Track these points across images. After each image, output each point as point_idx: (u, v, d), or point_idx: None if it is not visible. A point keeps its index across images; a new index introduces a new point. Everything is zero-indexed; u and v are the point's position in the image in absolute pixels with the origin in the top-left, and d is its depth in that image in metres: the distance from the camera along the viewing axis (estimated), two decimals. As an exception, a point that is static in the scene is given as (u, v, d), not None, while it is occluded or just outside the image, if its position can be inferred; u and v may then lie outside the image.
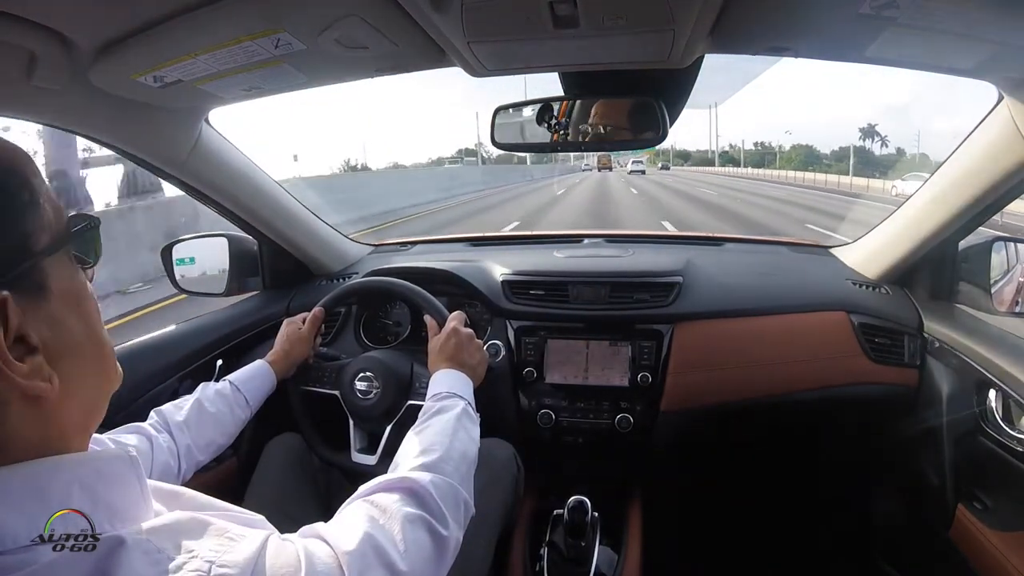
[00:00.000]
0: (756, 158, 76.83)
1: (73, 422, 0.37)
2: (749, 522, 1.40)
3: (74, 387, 0.36)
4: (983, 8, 0.58)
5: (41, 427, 0.35)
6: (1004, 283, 1.04)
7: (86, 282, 0.40)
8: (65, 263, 0.38)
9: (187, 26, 0.63)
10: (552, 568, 0.97)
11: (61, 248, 0.37)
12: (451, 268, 1.21)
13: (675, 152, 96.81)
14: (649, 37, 0.69)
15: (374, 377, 0.96)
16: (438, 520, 0.54)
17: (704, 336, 1.12)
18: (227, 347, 1.16)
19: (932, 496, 1.02)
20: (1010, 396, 0.87)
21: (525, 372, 1.13)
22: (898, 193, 20.47)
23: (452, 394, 0.75)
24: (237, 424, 0.85)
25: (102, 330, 0.41)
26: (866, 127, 68.06)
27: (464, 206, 14.61)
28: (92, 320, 0.39)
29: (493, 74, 0.82)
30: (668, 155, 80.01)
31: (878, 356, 1.09)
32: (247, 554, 0.36)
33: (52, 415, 0.35)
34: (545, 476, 1.23)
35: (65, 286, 0.37)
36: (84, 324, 0.38)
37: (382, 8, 0.62)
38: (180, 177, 1.02)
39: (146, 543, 0.33)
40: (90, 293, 0.40)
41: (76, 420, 0.38)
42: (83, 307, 0.39)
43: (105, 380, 0.41)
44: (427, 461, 0.60)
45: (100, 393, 0.41)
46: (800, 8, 0.63)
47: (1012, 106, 0.79)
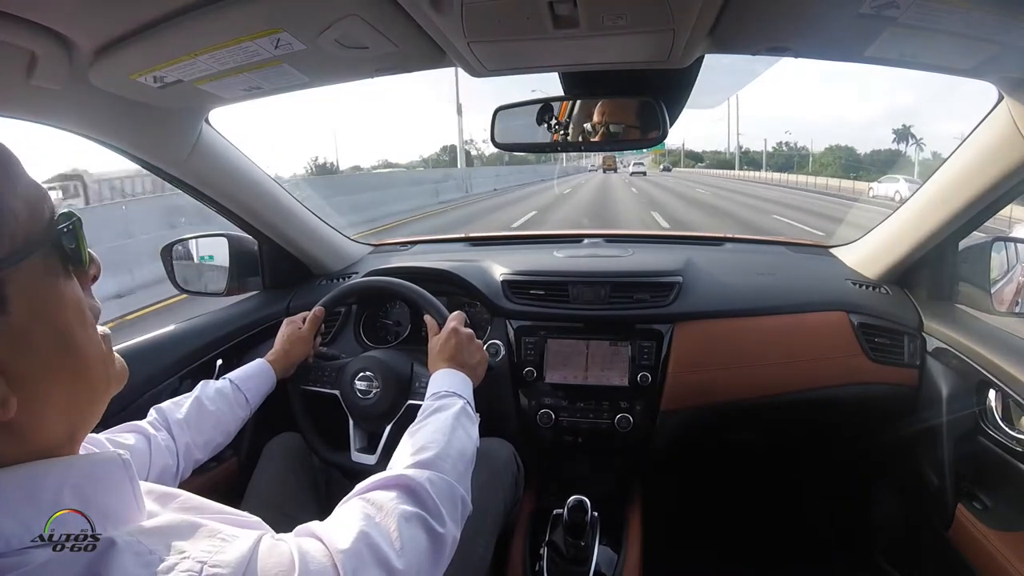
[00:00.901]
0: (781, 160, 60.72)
1: (54, 435, 0.36)
2: (749, 521, 1.40)
3: (46, 405, 0.35)
4: (983, 8, 0.58)
5: (16, 444, 0.34)
6: (1004, 283, 1.04)
7: (66, 289, 0.36)
8: (37, 271, 0.34)
9: (187, 26, 0.63)
10: (552, 567, 0.97)
11: (27, 256, 0.33)
12: (451, 268, 1.21)
13: (685, 153, 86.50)
14: (649, 37, 0.69)
15: (374, 377, 0.96)
16: (434, 517, 0.53)
17: (704, 336, 1.12)
18: (227, 347, 1.16)
19: (932, 496, 1.02)
20: (1010, 396, 0.87)
21: (525, 372, 1.13)
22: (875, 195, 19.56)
23: (451, 393, 0.75)
24: (236, 423, 0.84)
25: (84, 340, 0.37)
26: (900, 128, 57.90)
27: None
28: (68, 331, 0.36)
29: (493, 74, 0.82)
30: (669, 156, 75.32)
31: (878, 356, 1.09)
32: (239, 554, 0.36)
33: (26, 433, 0.34)
34: (545, 476, 1.23)
35: (34, 298, 0.34)
36: (56, 338, 0.35)
37: (382, 8, 0.62)
38: (180, 177, 1.02)
39: (137, 544, 0.33)
40: (70, 300, 0.36)
41: (58, 433, 0.36)
42: (57, 320, 0.35)
43: (91, 389, 0.38)
44: (424, 459, 0.60)
45: (87, 403, 0.39)
46: (800, 8, 0.63)
47: (1012, 106, 0.79)
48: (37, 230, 0.35)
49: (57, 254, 0.36)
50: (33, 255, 0.34)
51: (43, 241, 0.35)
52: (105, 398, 0.41)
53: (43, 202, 0.36)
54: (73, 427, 0.38)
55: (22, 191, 0.35)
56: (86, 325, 0.38)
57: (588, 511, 0.90)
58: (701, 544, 1.33)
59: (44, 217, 0.36)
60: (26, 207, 0.35)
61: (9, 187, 0.34)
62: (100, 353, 0.39)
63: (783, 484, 1.45)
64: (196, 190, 1.07)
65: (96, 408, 0.40)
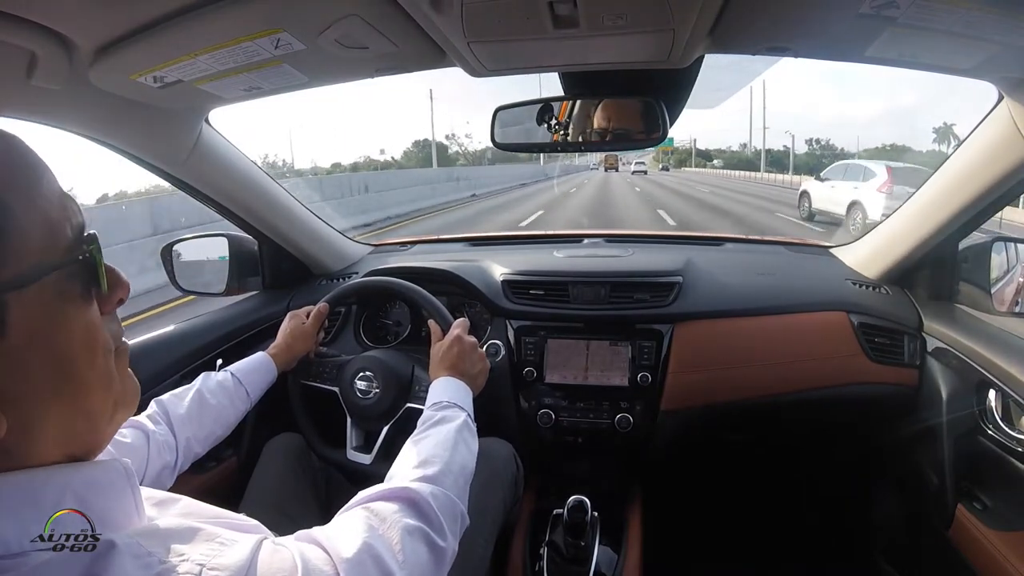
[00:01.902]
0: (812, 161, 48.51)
1: (49, 459, 0.35)
2: (749, 521, 1.40)
3: (39, 429, 0.34)
4: (983, 8, 0.57)
5: (10, 461, 0.33)
6: (1004, 283, 1.04)
7: (77, 315, 0.35)
8: (47, 296, 0.33)
9: (187, 26, 0.63)
10: (552, 567, 0.97)
11: (34, 281, 0.32)
12: (451, 268, 1.21)
13: (697, 151, 76.22)
14: (649, 37, 0.69)
15: (374, 377, 0.96)
16: (437, 532, 0.54)
17: (704, 336, 1.12)
18: (227, 346, 1.16)
19: (932, 496, 1.02)
20: (1009, 396, 0.87)
21: (525, 372, 1.13)
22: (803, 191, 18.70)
23: (452, 404, 0.75)
24: (237, 416, 0.85)
25: (85, 368, 0.35)
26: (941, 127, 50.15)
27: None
28: (69, 358, 0.34)
29: (493, 74, 0.82)
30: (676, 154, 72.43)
31: (878, 356, 1.09)
32: (239, 558, 0.36)
33: (14, 456, 0.33)
34: (545, 476, 1.23)
35: (36, 325, 0.32)
36: (54, 365, 0.33)
37: (382, 8, 0.62)
38: (180, 177, 1.02)
39: (137, 547, 0.33)
40: (78, 327, 0.35)
41: (53, 456, 0.35)
42: (59, 349, 0.34)
43: (91, 417, 0.37)
44: (428, 473, 0.60)
45: (87, 431, 0.37)
46: (800, 8, 0.63)
47: (1012, 106, 0.79)
48: (53, 253, 0.33)
49: (75, 279, 0.35)
50: (43, 280, 0.32)
51: (58, 265, 0.33)
52: (110, 423, 0.39)
53: (66, 222, 0.35)
54: (71, 450, 0.36)
55: (42, 206, 0.33)
56: (94, 352, 0.36)
57: (588, 511, 0.91)
58: (701, 544, 1.33)
59: (64, 238, 0.34)
60: (43, 226, 0.33)
61: (24, 201, 0.32)
62: (105, 382, 0.37)
63: (783, 484, 1.45)
64: (196, 190, 1.07)
65: (99, 433, 0.38)
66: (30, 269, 0.32)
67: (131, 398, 0.41)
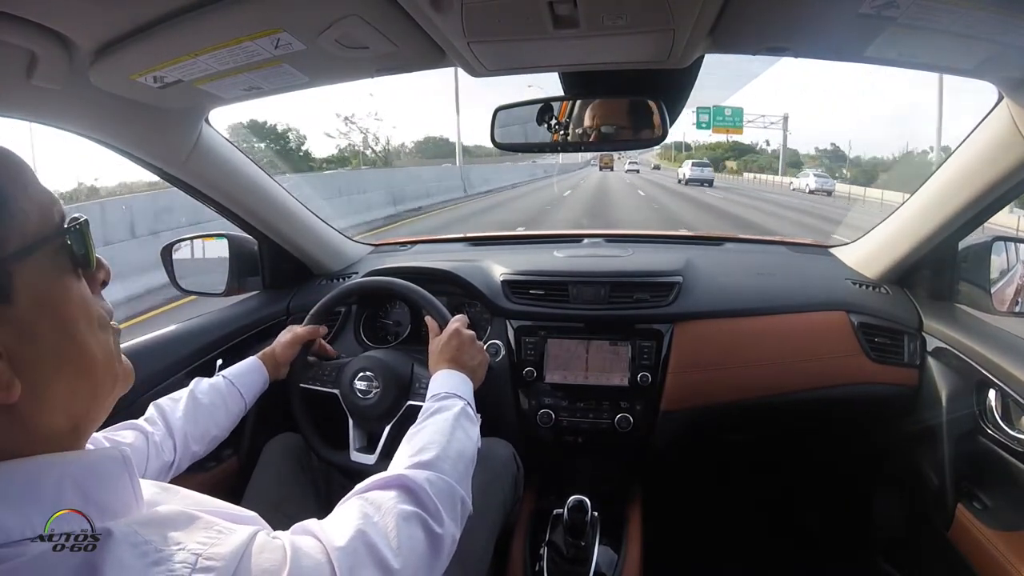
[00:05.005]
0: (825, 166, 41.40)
1: (57, 426, 0.37)
2: (749, 521, 1.40)
3: (49, 394, 0.36)
4: (983, 8, 0.58)
5: (19, 430, 0.35)
6: (1004, 283, 1.04)
7: (72, 288, 0.38)
8: (45, 268, 0.36)
9: (187, 26, 0.63)
10: (552, 567, 0.97)
11: (35, 252, 0.36)
12: (451, 268, 1.21)
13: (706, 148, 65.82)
14: (649, 37, 0.69)
15: (374, 377, 0.96)
16: (433, 517, 0.54)
17: (704, 336, 1.12)
18: (227, 346, 1.16)
19: (932, 496, 1.02)
20: (1009, 396, 0.87)
21: (525, 372, 1.13)
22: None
23: (451, 394, 0.75)
24: (231, 416, 0.85)
25: (88, 336, 0.38)
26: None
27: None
28: (73, 328, 0.37)
29: (493, 74, 0.82)
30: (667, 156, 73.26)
31: (878, 356, 1.09)
32: (234, 547, 0.36)
33: (26, 421, 0.35)
34: (545, 476, 1.23)
35: (39, 292, 0.36)
36: (60, 332, 0.37)
37: (382, 8, 0.62)
38: (180, 177, 1.02)
39: (134, 535, 0.34)
40: (76, 297, 0.38)
41: (59, 425, 0.37)
42: (61, 314, 0.37)
43: (95, 385, 0.39)
44: (423, 459, 0.60)
45: (90, 398, 0.39)
46: (800, 8, 0.63)
47: (1012, 106, 0.79)
48: (47, 231, 0.37)
49: (66, 255, 0.38)
50: (41, 253, 0.36)
51: (52, 240, 0.37)
52: (110, 397, 0.42)
53: (53, 206, 0.38)
54: (76, 420, 0.39)
55: (33, 194, 0.37)
56: (92, 324, 0.39)
57: (588, 511, 0.90)
58: (701, 544, 1.33)
59: (54, 220, 0.38)
60: (37, 209, 0.37)
61: (20, 190, 0.36)
62: (105, 353, 0.40)
63: (783, 484, 1.45)
64: (196, 190, 1.07)
65: (100, 405, 0.41)
66: (31, 243, 0.36)
67: (127, 374, 0.44)
